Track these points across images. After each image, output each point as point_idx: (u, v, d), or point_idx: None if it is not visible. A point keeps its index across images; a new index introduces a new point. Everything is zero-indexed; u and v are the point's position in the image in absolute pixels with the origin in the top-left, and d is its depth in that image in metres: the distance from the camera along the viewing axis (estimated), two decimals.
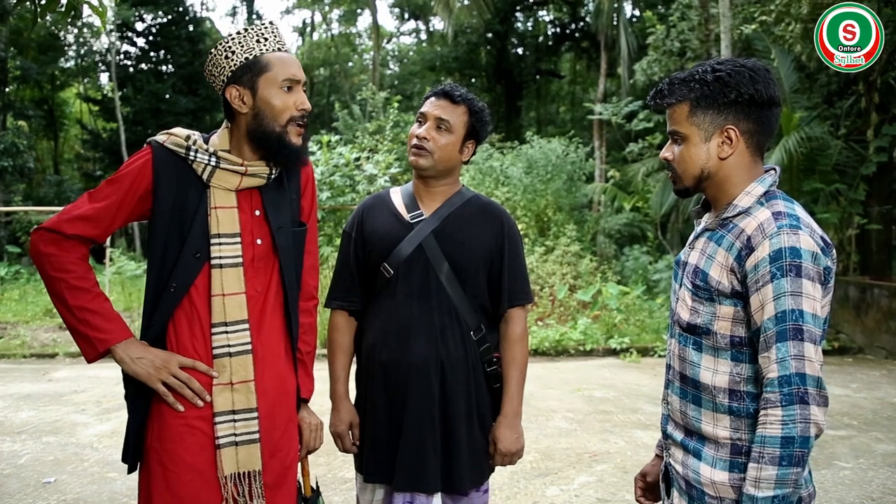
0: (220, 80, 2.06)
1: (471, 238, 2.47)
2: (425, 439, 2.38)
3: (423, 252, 2.44)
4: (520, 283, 2.54)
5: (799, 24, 9.92)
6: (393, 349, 2.42)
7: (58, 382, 7.86)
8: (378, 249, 2.48)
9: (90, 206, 2.03)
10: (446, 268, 2.43)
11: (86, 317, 1.99)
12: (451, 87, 2.52)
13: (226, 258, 2.04)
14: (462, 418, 2.43)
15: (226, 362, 2.04)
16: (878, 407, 6.91)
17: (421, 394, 2.39)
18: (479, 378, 2.49)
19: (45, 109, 28.06)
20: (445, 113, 2.45)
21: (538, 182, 14.19)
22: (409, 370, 2.39)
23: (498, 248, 2.50)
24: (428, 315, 2.42)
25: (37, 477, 4.91)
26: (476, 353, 2.48)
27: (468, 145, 2.52)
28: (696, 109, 1.76)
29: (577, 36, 28.13)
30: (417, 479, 2.37)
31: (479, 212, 2.53)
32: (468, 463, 2.43)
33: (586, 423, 6.28)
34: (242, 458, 2.04)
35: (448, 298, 2.44)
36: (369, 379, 2.51)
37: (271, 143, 2.08)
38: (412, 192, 2.56)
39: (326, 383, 2.62)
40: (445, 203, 2.51)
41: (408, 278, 2.44)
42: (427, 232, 2.45)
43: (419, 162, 2.46)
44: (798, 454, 1.56)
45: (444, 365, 2.40)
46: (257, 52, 2.05)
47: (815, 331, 1.60)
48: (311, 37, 38.20)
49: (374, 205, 2.60)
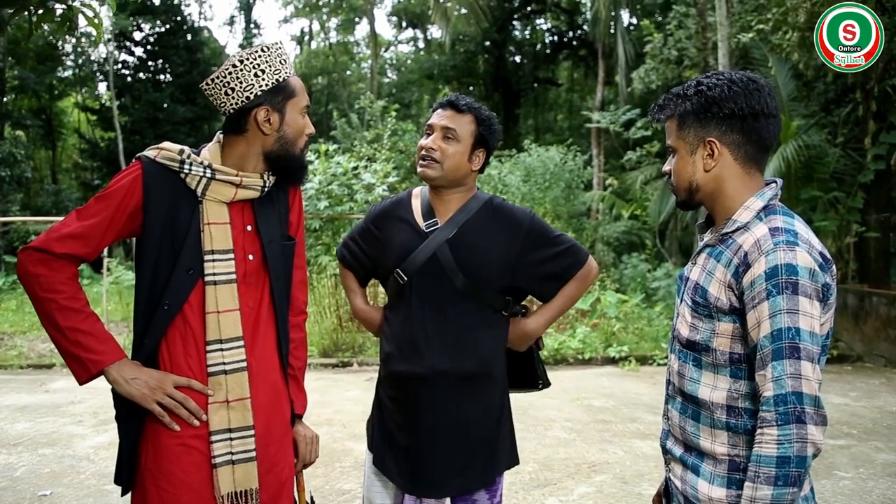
0: (243, 96, 2.02)
1: (487, 247, 2.46)
2: (436, 448, 2.41)
3: (437, 261, 2.43)
4: (565, 260, 2.53)
5: (796, 32, 9.95)
6: (407, 360, 2.44)
7: (54, 393, 7.82)
8: (392, 256, 2.49)
9: (79, 223, 1.98)
10: (461, 278, 2.42)
11: (77, 338, 1.95)
12: (456, 97, 2.52)
13: (220, 275, 2.02)
14: (473, 426, 2.45)
15: (221, 380, 2.02)
16: (878, 416, 6.89)
17: (433, 405, 2.42)
18: (494, 387, 2.51)
19: (42, 119, 28.04)
20: (452, 122, 2.46)
21: (536, 190, 14.20)
22: (422, 382, 2.41)
23: (521, 251, 2.48)
24: (442, 326, 2.43)
25: (33, 490, 4.87)
26: (491, 363, 2.49)
27: (478, 154, 2.51)
28: (682, 124, 1.79)
29: (574, 44, 28.20)
30: (427, 485, 2.42)
31: (494, 218, 2.51)
32: (479, 467, 2.47)
33: (585, 432, 6.26)
34: (239, 476, 2.02)
35: (464, 308, 2.44)
36: (386, 386, 2.55)
37: (293, 165, 2.12)
38: (429, 199, 2.55)
39: (318, 394, 2.61)
40: (461, 210, 2.50)
41: (422, 288, 2.45)
42: (441, 240, 2.45)
43: (427, 172, 2.46)
44: (794, 474, 1.54)
45: (458, 377, 2.42)
46: (284, 74, 2.06)
47: (813, 349, 1.59)
48: (309, 46, 38.29)
49: (395, 208, 2.61)
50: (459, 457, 2.44)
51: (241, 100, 2.03)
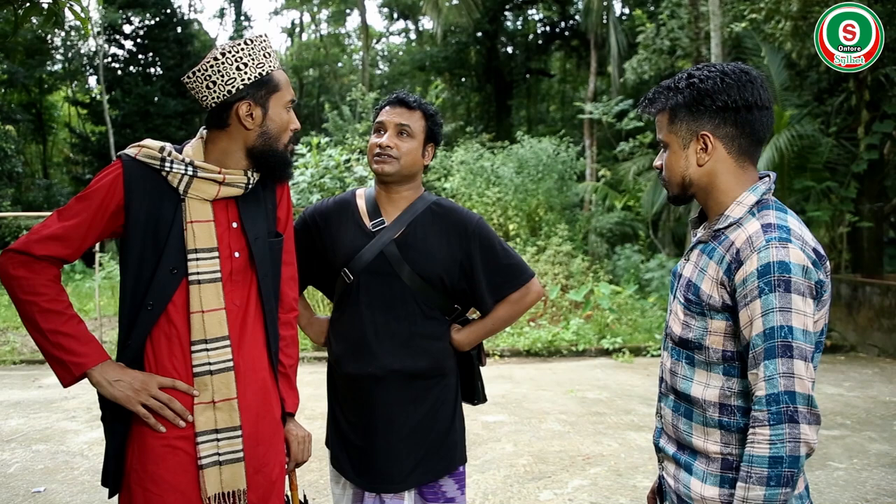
0: (224, 90, 1.99)
1: (433, 245, 2.48)
2: (392, 445, 2.44)
3: (384, 260, 2.45)
4: (504, 276, 2.53)
5: (789, 21, 9.94)
6: (357, 361, 2.45)
7: (47, 389, 7.79)
8: (339, 256, 2.49)
9: (60, 224, 1.96)
10: (409, 275, 2.43)
11: (59, 340, 1.93)
12: (404, 94, 2.55)
13: (203, 273, 2.00)
14: (428, 422, 2.48)
15: (207, 380, 2.00)
16: (871, 406, 6.91)
17: (387, 404, 2.44)
18: (446, 382, 2.53)
19: (32, 113, 27.83)
20: (404, 119, 2.48)
21: (529, 182, 14.16)
22: (374, 382, 2.43)
23: (465, 252, 2.49)
24: (391, 325, 2.44)
25: (26, 486, 4.86)
26: (442, 360, 2.50)
27: (428, 149, 2.55)
28: (674, 118, 1.76)
29: (566, 35, 28.09)
30: (385, 481, 2.44)
31: (441, 218, 2.53)
32: (438, 457, 2.49)
33: (579, 425, 6.26)
34: (226, 477, 2.00)
35: (412, 307, 2.45)
36: (337, 389, 2.56)
37: (276, 161, 2.09)
38: (375, 198, 2.56)
39: (311, 387, 2.62)
40: (408, 209, 2.51)
41: (370, 287, 2.46)
42: (388, 239, 2.46)
43: (384, 168, 2.47)
44: (787, 474, 1.53)
45: (411, 375, 2.44)
46: (268, 68, 2.03)
47: (806, 347, 1.56)
48: (300, 38, 38.16)
49: (340, 208, 2.59)
50: (415, 452, 2.45)
51: (223, 93, 1.99)
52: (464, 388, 2.67)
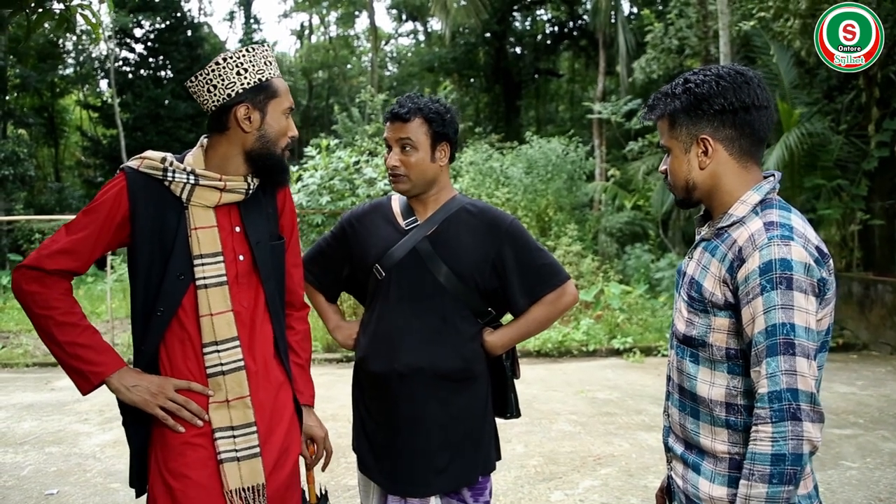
0: (224, 94, 2.04)
1: (466, 244, 2.47)
2: (416, 447, 2.42)
3: (416, 256, 2.45)
4: (537, 276, 2.50)
5: (798, 19, 9.89)
6: (383, 357, 2.45)
7: (60, 391, 7.84)
8: (372, 253, 2.51)
9: (68, 238, 2.03)
10: (444, 270, 2.43)
11: (77, 351, 2.00)
12: (398, 105, 2.49)
13: (210, 278, 2.06)
14: (454, 424, 2.45)
15: (220, 381, 2.06)
16: (885, 405, 6.87)
17: (412, 403, 2.43)
18: (476, 385, 2.50)
19: (45, 117, 28.04)
20: (403, 132, 2.45)
21: (538, 182, 14.15)
22: (399, 379, 2.42)
23: (497, 251, 2.48)
24: (420, 318, 2.44)
25: (39, 489, 4.89)
26: (472, 361, 2.48)
27: (440, 149, 2.50)
28: (674, 123, 1.77)
29: (575, 34, 28.07)
30: (408, 484, 2.43)
31: (474, 217, 2.52)
32: (462, 465, 2.47)
33: (590, 425, 6.25)
34: (245, 473, 2.06)
35: (442, 303, 2.45)
36: (363, 388, 2.56)
37: (273, 165, 2.13)
38: (408, 200, 2.58)
39: (322, 388, 2.64)
40: (441, 209, 2.52)
41: (400, 283, 2.46)
42: (421, 236, 2.47)
43: (399, 188, 2.50)
44: (790, 472, 1.53)
45: (436, 375, 2.42)
46: (268, 74, 2.08)
47: (808, 344, 1.57)
48: (309, 40, 38.28)
49: (374, 210, 2.63)
50: (440, 455, 2.43)
51: (223, 97, 2.05)
52: (495, 400, 2.62)
